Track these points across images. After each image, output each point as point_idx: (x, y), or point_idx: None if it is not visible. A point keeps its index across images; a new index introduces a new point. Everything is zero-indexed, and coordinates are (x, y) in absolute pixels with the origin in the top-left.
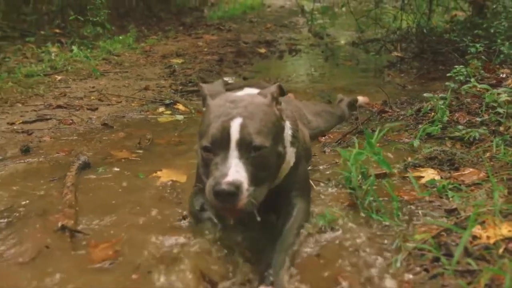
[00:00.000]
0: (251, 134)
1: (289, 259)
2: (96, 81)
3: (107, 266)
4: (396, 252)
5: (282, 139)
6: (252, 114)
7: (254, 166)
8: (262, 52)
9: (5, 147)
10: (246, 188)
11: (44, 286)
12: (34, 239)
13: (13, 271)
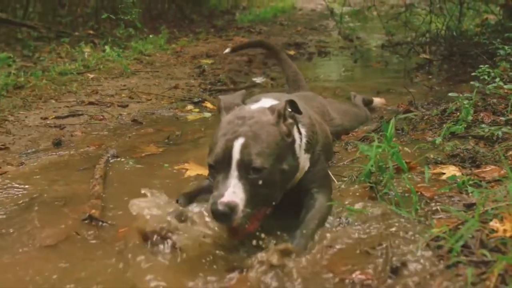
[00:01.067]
0: (251, 155)
1: (308, 243)
2: (127, 79)
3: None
4: (413, 242)
5: (290, 154)
6: (256, 134)
7: (254, 187)
8: (291, 54)
9: (38, 140)
10: (241, 210)
11: (66, 269)
12: (61, 225)
13: (39, 253)
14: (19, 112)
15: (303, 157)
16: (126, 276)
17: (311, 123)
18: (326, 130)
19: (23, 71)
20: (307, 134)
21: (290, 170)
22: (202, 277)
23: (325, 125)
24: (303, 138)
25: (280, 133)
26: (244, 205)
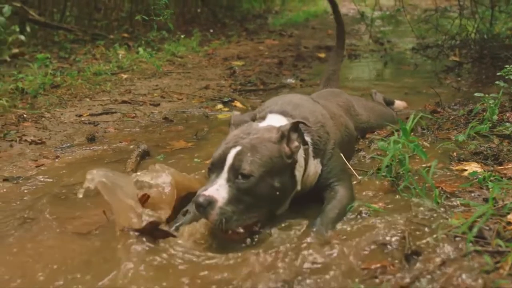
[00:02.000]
0: (242, 161)
1: (327, 231)
2: (159, 80)
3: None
4: (431, 234)
5: (286, 173)
6: (254, 146)
7: (239, 192)
8: (321, 56)
9: (73, 136)
10: (218, 206)
11: (95, 255)
12: (93, 214)
13: (71, 240)
14: (55, 110)
15: (313, 163)
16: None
17: (321, 125)
18: (346, 123)
19: (59, 71)
20: (313, 141)
21: (282, 188)
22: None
23: (346, 118)
24: (310, 146)
25: (279, 151)
26: (223, 203)
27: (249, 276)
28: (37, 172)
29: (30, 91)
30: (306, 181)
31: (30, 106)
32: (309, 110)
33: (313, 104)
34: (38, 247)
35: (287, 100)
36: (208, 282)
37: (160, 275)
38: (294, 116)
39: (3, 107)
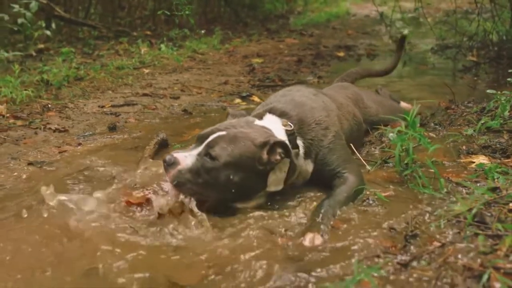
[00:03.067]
0: (216, 145)
1: (334, 213)
2: (180, 75)
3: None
4: (436, 219)
5: (252, 175)
6: (235, 137)
7: (202, 168)
8: (340, 55)
9: (95, 125)
10: (178, 169)
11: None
12: (108, 194)
13: (85, 218)
14: (78, 100)
15: (304, 163)
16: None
17: (317, 123)
18: (354, 112)
19: (83, 65)
20: (304, 144)
21: (241, 186)
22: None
23: (353, 109)
24: (301, 149)
25: (254, 154)
26: (183, 169)
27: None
28: (60, 157)
29: (55, 83)
30: (295, 179)
31: (54, 97)
32: (308, 109)
33: (315, 101)
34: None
35: (289, 99)
36: (210, 261)
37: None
38: (292, 117)
39: (29, 97)
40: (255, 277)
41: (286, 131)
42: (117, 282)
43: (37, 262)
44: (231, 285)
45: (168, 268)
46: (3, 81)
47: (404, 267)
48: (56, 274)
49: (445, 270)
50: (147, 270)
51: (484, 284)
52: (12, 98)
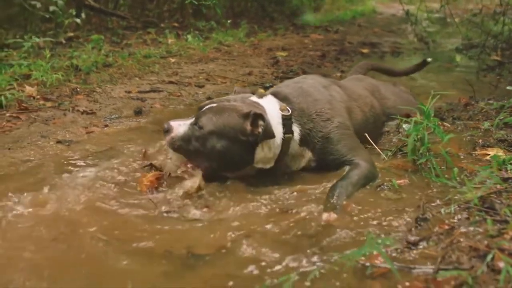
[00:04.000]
0: (204, 115)
1: (348, 193)
2: (205, 65)
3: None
4: (447, 204)
5: (236, 144)
6: (222, 109)
7: (192, 136)
8: (364, 52)
9: (122, 109)
10: (172, 136)
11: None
12: (128, 168)
13: (109, 188)
14: (106, 85)
15: (299, 149)
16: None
17: (317, 113)
18: (372, 103)
19: (111, 53)
20: (301, 131)
21: (226, 154)
22: None
23: (372, 100)
24: (296, 136)
25: (237, 125)
26: (176, 136)
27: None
28: (87, 137)
29: (84, 68)
30: (290, 162)
31: (83, 81)
32: (312, 100)
33: (322, 93)
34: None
35: (298, 86)
36: (227, 235)
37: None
38: (293, 104)
39: (59, 81)
40: (270, 250)
41: (282, 116)
42: (140, 250)
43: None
44: (247, 256)
45: (188, 239)
46: (34, 65)
47: (413, 245)
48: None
49: (451, 250)
50: (167, 241)
51: (488, 263)
52: (42, 81)
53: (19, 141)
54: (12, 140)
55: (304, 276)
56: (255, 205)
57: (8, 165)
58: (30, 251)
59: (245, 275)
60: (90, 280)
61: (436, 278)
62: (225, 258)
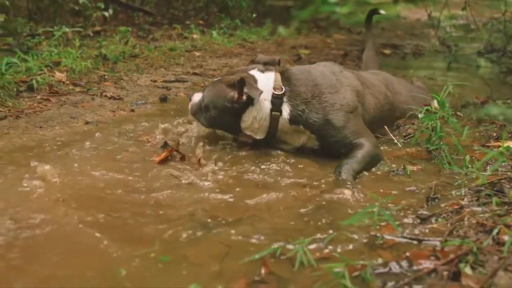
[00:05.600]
0: (205, 89)
1: (354, 169)
2: (229, 59)
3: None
4: (458, 187)
5: (226, 112)
6: (217, 82)
7: (202, 108)
8: (386, 53)
9: (147, 96)
10: (191, 103)
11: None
12: (146, 147)
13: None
14: (132, 74)
15: (291, 127)
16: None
17: (313, 96)
18: (387, 93)
19: (138, 45)
20: (292, 112)
21: (219, 120)
22: None
23: (386, 90)
24: (286, 115)
25: (224, 93)
26: (193, 103)
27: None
28: (115, 119)
29: (111, 58)
30: (286, 138)
31: (111, 70)
32: (312, 84)
33: (327, 78)
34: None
35: (306, 70)
36: (247, 203)
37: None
38: (291, 86)
39: (87, 68)
40: (286, 220)
41: (273, 94)
42: (165, 215)
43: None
44: (264, 224)
45: (209, 205)
46: (64, 53)
47: (423, 220)
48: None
49: (459, 225)
50: (190, 206)
51: (494, 237)
52: (71, 68)
53: (49, 121)
54: (43, 120)
55: (317, 242)
56: (275, 181)
57: (39, 141)
58: (55, 214)
59: (262, 239)
60: (117, 242)
61: (443, 248)
62: (243, 225)
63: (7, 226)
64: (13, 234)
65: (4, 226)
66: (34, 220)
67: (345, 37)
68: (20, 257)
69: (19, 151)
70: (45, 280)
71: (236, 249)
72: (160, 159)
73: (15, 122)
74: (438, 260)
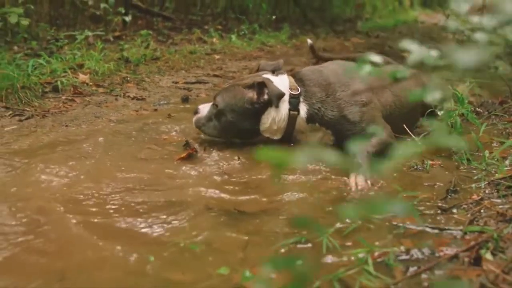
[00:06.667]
0: (218, 96)
1: (368, 154)
2: (248, 62)
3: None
4: (477, 181)
5: (247, 114)
6: (232, 86)
7: (213, 115)
8: (404, 55)
9: (169, 97)
10: (198, 116)
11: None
12: (166, 145)
13: (136, 162)
14: (154, 76)
15: (308, 126)
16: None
17: (327, 95)
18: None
19: (158, 48)
20: (308, 111)
21: (235, 124)
22: None
23: (412, 86)
24: (303, 114)
25: (243, 95)
26: (201, 116)
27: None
28: (138, 117)
29: (133, 60)
30: (302, 137)
31: (133, 72)
32: (325, 84)
33: (338, 76)
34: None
35: (318, 70)
36: (269, 198)
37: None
38: (305, 86)
39: (110, 70)
40: (308, 212)
41: (290, 94)
42: (194, 207)
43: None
44: (286, 215)
45: (235, 201)
46: (86, 56)
47: (444, 211)
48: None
49: (480, 216)
50: (215, 199)
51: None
52: (94, 70)
53: (75, 120)
54: (69, 119)
55: (340, 232)
56: (297, 172)
57: (64, 137)
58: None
59: (287, 229)
60: (148, 229)
61: (464, 236)
62: (267, 216)
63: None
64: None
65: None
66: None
67: (363, 41)
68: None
69: (47, 147)
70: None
71: (260, 238)
72: (180, 158)
73: (42, 121)
74: (459, 247)
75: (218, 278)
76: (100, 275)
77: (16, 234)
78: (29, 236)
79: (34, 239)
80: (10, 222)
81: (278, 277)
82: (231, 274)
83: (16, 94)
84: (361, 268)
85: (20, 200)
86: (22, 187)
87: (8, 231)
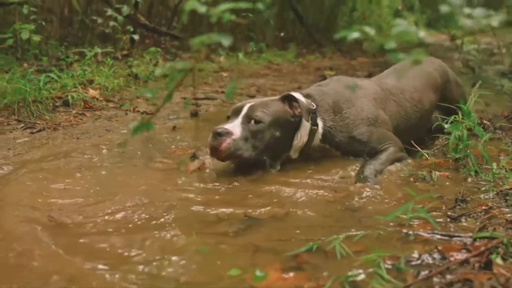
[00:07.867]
0: (255, 111)
1: (377, 169)
2: (256, 79)
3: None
4: (485, 192)
5: (288, 129)
6: (264, 102)
7: (249, 133)
8: None
9: (179, 112)
10: (233, 138)
11: None
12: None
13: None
14: (163, 92)
15: (320, 145)
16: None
17: (335, 112)
18: (419, 99)
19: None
20: (324, 127)
21: (281, 141)
22: None
23: (421, 96)
24: (320, 129)
25: (283, 108)
26: (238, 137)
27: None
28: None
29: (142, 77)
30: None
31: (142, 88)
32: (331, 101)
33: (341, 93)
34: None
35: (319, 89)
36: (278, 206)
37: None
38: (316, 101)
39: (119, 86)
40: (318, 219)
41: (310, 109)
42: (203, 212)
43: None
44: (297, 223)
45: (244, 206)
46: (96, 72)
47: (453, 220)
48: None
49: (489, 223)
50: (226, 206)
51: None
52: (104, 86)
53: (86, 133)
54: (80, 132)
55: (351, 238)
56: (305, 183)
57: (76, 149)
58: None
59: (297, 236)
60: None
61: (474, 242)
62: (277, 223)
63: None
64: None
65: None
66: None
67: (369, 60)
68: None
69: (57, 159)
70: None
71: (270, 244)
72: (192, 170)
73: (53, 133)
74: (469, 253)
75: (230, 279)
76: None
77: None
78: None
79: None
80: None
81: (279, 277)
82: (242, 275)
83: (28, 107)
84: (373, 271)
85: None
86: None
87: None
